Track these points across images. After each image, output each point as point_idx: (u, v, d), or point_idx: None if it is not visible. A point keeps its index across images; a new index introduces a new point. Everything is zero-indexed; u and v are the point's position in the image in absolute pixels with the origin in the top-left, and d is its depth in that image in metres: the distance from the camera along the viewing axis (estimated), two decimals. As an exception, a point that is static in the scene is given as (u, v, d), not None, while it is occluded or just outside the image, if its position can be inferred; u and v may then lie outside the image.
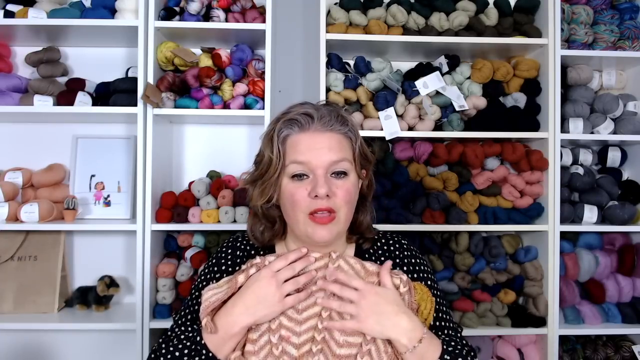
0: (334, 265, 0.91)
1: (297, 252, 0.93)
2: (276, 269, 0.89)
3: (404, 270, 0.99)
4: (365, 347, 0.86)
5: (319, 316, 0.89)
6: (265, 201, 0.94)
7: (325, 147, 0.89)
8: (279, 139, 0.90)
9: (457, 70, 1.95)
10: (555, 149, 1.88)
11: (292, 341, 0.88)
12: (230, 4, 1.86)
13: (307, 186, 0.89)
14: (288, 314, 0.89)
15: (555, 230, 1.87)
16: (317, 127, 0.90)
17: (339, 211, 0.90)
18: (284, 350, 0.87)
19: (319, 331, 0.88)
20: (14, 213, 1.81)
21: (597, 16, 1.98)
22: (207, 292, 0.90)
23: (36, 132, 2.01)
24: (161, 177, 1.91)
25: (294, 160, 0.89)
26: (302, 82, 2.14)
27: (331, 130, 0.91)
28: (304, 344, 0.88)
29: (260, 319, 0.88)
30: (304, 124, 0.90)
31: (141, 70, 1.78)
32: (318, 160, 0.88)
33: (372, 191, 1.01)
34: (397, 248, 1.03)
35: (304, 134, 0.90)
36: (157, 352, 0.91)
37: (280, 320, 0.89)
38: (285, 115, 0.92)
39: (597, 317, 1.91)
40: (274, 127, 0.92)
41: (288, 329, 0.89)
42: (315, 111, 0.91)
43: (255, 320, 0.88)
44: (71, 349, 2.01)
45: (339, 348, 0.86)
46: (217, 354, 0.87)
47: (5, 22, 1.78)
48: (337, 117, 0.92)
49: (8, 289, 1.86)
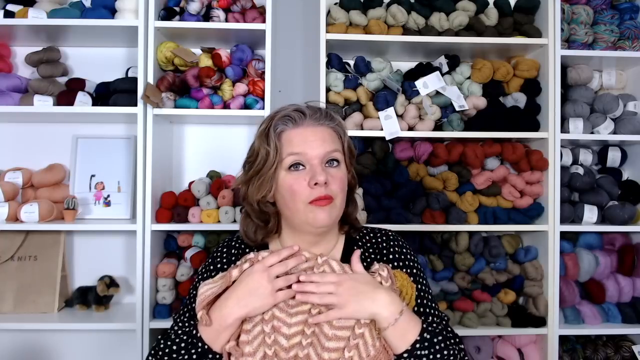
0: (319, 271, 0.94)
1: (289, 249, 0.97)
2: (269, 264, 0.93)
3: (389, 259, 1.04)
4: (352, 341, 0.88)
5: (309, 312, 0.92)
6: (262, 196, 0.97)
7: (319, 139, 0.95)
8: (275, 134, 0.95)
9: (457, 70, 1.95)
10: (555, 149, 1.88)
11: (283, 332, 0.91)
12: (230, 4, 1.86)
13: (305, 176, 0.93)
14: (280, 306, 0.93)
15: (555, 230, 1.87)
16: (309, 122, 0.96)
17: (336, 198, 0.95)
18: (276, 340, 0.90)
19: (309, 326, 0.91)
20: (14, 213, 1.81)
21: (597, 16, 1.98)
22: (202, 287, 0.95)
23: (36, 132, 2.01)
24: (161, 177, 1.91)
25: (291, 152, 0.94)
26: (302, 82, 2.14)
27: (322, 125, 0.97)
28: (294, 335, 0.91)
29: (253, 311, 0.91)
30: (298, 120, 0.96)
31: (141, 70, 1.78)
32: (314, 151, 0.94)
33: (356, 184, 1.07)
34: (383, 240, 1.07)
35: (297, 129, 0.96)
36: (156, 348, 0.95)
37: (273, 311, 0.92)
38: (278, 114, 0.98)
39: (597, 317, 1.91)
40: (269, 124, 0.97)
41: (280, 319, 0.92)
42: (306, 109, 0.98)
43: (248, 313, 0.91)
44: (71, 349, 2.01)
45: (328, 341, 0.88)
46: (212, 345, 0.91)
47: (5, 22, 1.78)
48: (326, 114, 0.99)
49: (8, 289, 1.86)
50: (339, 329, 0.89)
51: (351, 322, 0.90)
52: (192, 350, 0.91)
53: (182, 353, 0.91)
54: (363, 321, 0.89)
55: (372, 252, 1.05)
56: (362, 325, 0.89)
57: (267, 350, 0.90)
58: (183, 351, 0.91)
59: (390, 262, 1.03)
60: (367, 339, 0.90)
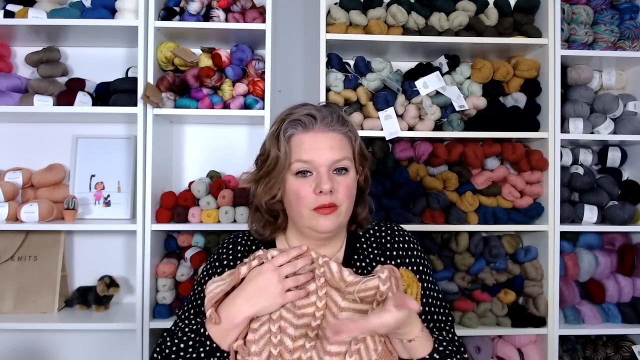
0: (319, 272, 0.93)
1: (298, 249, 0.96)
2: (278, 264, 0.93)
3: (393, 255, 1.03)
4: (354, 346, 0.88)
5: (313, 316, 0.92)
6: (270, 197, 0.98)
7: (328, 146, 0.94)
8: (285, 138, 0.94)
9: (457, 70, 1.95)
10: (555, 149, 1.88)
11: (289, 332, 0.91)
12: (230, 4, 1.86)
13: (312, 183, 0.93)
14: (287, 307, 0.92)
15: (555, 230, 1.87)
16: (320, 128, 0.95)
17: (341, 205, 0.94)
18: (281, 340, 0.91)
19: (312, 329, 0.91)
20: (14, 213, 1.81)
21: (597, 16, 1.98)
22: (210, 284, 0.94)
23: (36, 132, 2.01)
24: (161, 177, 1.91)
25: (299, 158, 0.93)
26: (302, 82, 2.14)
27: (332, 130, 0.95)
28: (299, 337, 0.91)
29: (261, 310, 0.91)
30: (308, 124, 0.94)
31: (141, 70, 1.78)
32: (321, 159, 0.93)
33: (369, 185, 1.06)
34: (388, 234, 1.06)
35: (307, 134, 0.94)
36: (162, 345, 0.94)
37: (280, 311, 0.92)
38: (290, 116, 0.96)
39: (597, 317, 1.91)
40: (280, 127, 0.96)
41: (287, 320, 0.92)
42: (317, 112, 0.96)
43: (257, 312, 0.91)
44: (71, 349, 2.01)
45: (330, 345, 0.88)
46: (220, 344, 0.91)
47: (5, 22, 1.78)
48: (338, 118, 0.97)
49: (8, 289, 1.86)
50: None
51: None
52: (200, 348, 0.91)
53: (189, 351, 0.91)
54: None
55: (375, 248, 1.04)
56: None
57: (272, 350, 0.90)
58: (191, 349, 0.91)
59: (395, 258, 1.02)
60: (369, 344, 0.89)
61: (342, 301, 0.91)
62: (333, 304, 0.92)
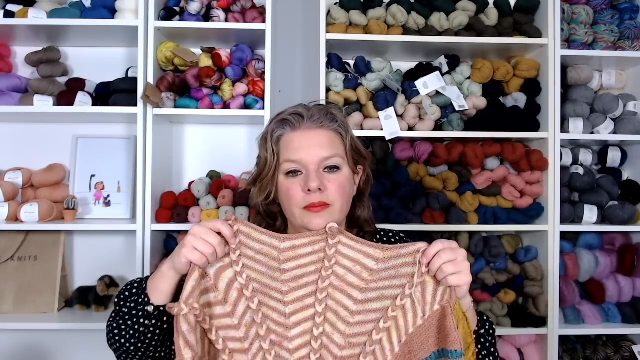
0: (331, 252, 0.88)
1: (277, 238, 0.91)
2: (211, 226, 0.85)
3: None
4: (369, 348, 0.85)
5: (314, 322, 0.88)
6: (264, 198, 0.98)
7: (316, 144, 0.93)
8: (273, 140, 0.95)
9: (457, 70, 1.95)
10: (555, 149, 1.88)
11: (285, 346, 0.87)
12: (230, 4, 1.86)
13: (301, 182, 0.92)
14: (274, 319, 0.88)
15: (555, 230, 1.87)
16: (308, 125, 0.95)
17: (334, 203, 0.93)
18: (278, 354, 0.87)
19: (315, 338, 0.87)
20: (14, 213, 1.81)
21: (597, 16, 1.98)
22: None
23: (36, 132, 2.01)
24: (161, 177, 1.91)
25: (287, 158, 0.94)
26: (302, 82, 2.14)
27: (321, 127, 0.95)
28: (299, 348, 0.87)
29: (173, 256, 0.86)
30: (295, 123, 0.95)
31: (141, 70, 1.78)
32: (310, 158, 0.92)
33: (369, 187, 1.05)
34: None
35: (295, 133, 0.95)
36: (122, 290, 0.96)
37: (267, 324, 0.88)
38: (278, 117, 0.97)
39: (597, 317, 1.91)
40: (268, 129, 0.98)
41: (278, 334, 0.88)
42: (305, 110, 0.96)
43: (171, 258, 0.85)
44: (71, 349, 2.00)
45: (341, 350, 0.86)
46: (150, 294, 0.89)
47: (5, 22, 1.78)
48: (327, 115, 0.97)
49: (8, 289, 1.86)
50: (352, 336, 0.86)
51: (369, 327, 0.86)
52: (134, 297, 0.92)
53: (129, 300, 0.93)
54: (382, 325, 0.86)
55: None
56: (380, 330, 0.86)
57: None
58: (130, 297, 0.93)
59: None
60: (385, 345, 0.86)
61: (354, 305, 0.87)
62: (342, 308, 0.88)
